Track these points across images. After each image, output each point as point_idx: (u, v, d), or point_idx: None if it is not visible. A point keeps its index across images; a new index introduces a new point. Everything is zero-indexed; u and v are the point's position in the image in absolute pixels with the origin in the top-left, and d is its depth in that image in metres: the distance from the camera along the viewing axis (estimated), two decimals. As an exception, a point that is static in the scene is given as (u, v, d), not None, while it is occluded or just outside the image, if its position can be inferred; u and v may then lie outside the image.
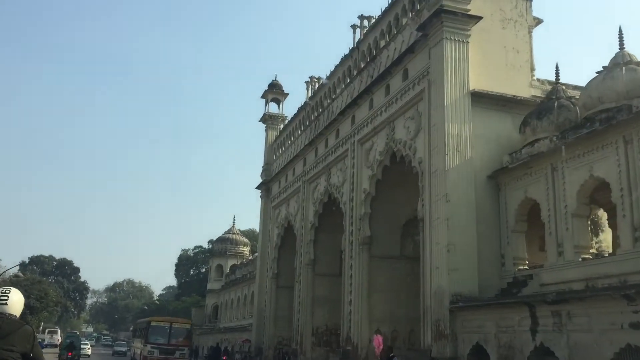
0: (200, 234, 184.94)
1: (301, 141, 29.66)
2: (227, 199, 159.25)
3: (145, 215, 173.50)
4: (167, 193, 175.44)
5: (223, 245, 54.71)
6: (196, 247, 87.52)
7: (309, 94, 29.85)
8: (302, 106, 30.48)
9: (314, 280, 27.06)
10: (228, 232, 55.84)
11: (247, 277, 44.08)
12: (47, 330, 69.70)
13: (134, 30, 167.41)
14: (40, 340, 56.88)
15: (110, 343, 74.91)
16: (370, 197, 21.56)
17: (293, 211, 30.07)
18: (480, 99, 16.63)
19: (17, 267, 34.50)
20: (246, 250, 55.55)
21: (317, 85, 29.43)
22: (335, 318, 26.72)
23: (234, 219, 56.73)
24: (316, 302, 26.86)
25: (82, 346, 46.09)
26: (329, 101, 26.76)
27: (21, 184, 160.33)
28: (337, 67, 26.08)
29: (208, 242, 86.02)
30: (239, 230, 57.17)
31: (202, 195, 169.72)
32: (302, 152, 29.07)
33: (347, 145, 23.74)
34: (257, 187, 35.76)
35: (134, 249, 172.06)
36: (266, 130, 36.18)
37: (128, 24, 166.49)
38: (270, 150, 35.54)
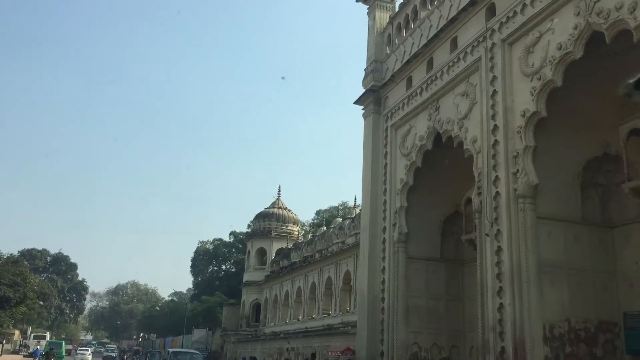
0: (217, 229, 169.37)
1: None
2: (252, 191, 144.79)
3: (149, 211, 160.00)
4: (175, 188, 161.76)
5: (266, 222, 40.78)
6: (215, 239, 73.95)
7: None
8: None
9: (538, 228, 13.27)
10: (272, 205, 41.92)
11: (312, 258, 30.33)
12: (33, 335, 56.40)
13: None
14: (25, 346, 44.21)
15: (114, 355, 60.36)
16: None
17: (453, 114, 16.40)
18: None
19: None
20: (296, 230, 41.75)
21: None
22: (592, 304, 13.22)
23: (279, 190, 42.39)
24: (544, 275, 13.06)
25: (82, 352, 46.61)
26: None
27: (24, 178, 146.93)
28: None
29: (230, 234, 72.71)
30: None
31: (215, 190, 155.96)
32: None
33: None
34: (356, 102, 22.09)
35: (138, 248, 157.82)
36: (370, 13, 22.63)
37: None
38: (380, 40, 21.92)
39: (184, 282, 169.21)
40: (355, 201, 30.51)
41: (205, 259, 71.88)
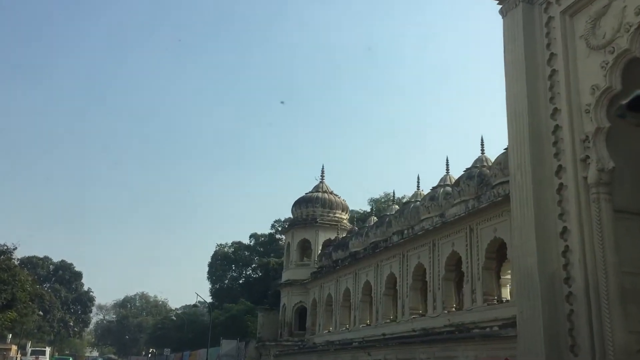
0: (232, 235, 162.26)
1: None
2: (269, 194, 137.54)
3: (158, 219, 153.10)
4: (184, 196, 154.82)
5: (310, 209, 33.57)
6: (234, 242, 66.83)
7: None
8: None
9: None
10: (316, 189, 34.76)
11: (387, 243, 23.11)
12: (30, 350, 49.39)
13: None
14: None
15: None
16: None
17: None
18: None
19: None
20: (345, 217, 34.57)
21: None
22: None
23: (322, 170, 35.28)
24: None
25: None
26: None
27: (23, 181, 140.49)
28: None
29: (250, 237, 65.66)
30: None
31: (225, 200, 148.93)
32: None
33: None
34: (490, -5, 14.97)
35: (147, 258, 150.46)
36: None
37: None
38: None
39: (199, 292, 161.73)
40: (447, 164, 23.02)
41: (224, 264, 64.78)
